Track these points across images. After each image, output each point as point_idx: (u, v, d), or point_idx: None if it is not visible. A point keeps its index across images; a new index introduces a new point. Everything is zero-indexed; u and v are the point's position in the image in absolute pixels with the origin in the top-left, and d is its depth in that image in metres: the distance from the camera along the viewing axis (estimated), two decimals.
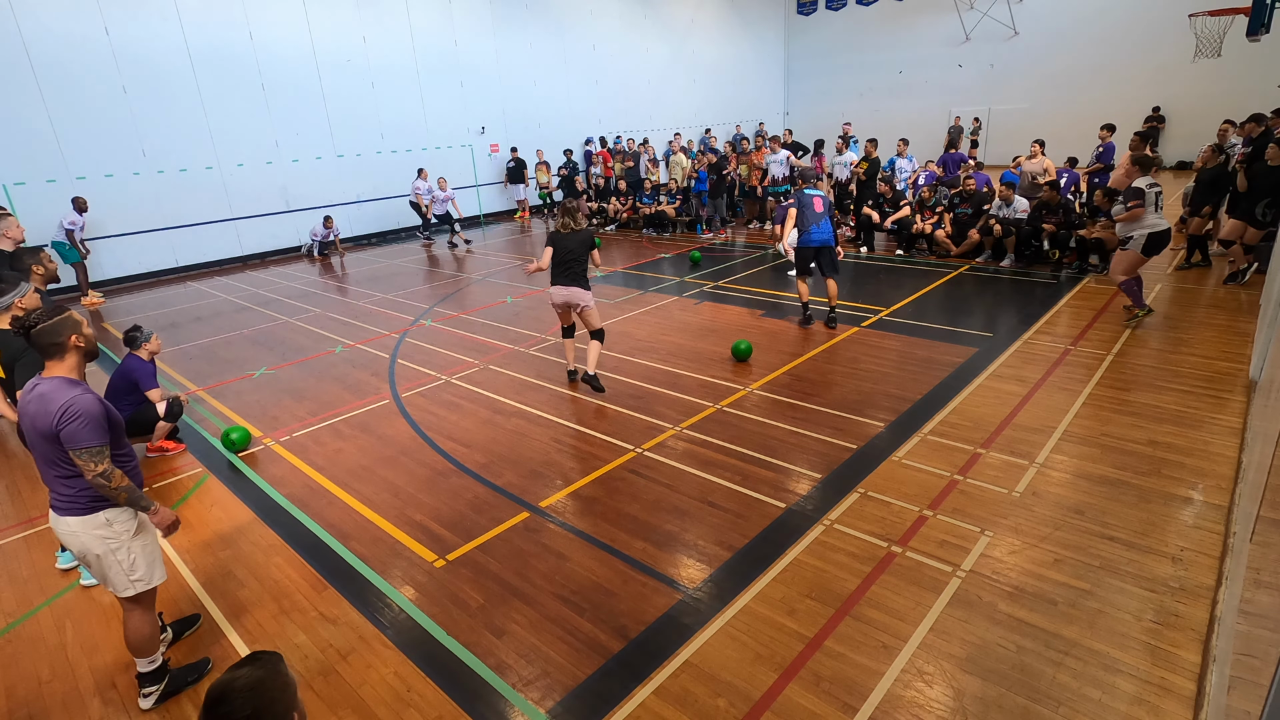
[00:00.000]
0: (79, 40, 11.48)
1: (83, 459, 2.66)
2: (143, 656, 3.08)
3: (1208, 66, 16.83)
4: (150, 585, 3.02)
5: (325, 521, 4.53)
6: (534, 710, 2.95)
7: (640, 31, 21.39)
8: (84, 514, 2.82)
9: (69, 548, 2.93)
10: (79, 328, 2.78)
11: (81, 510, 2.82)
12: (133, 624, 3.04)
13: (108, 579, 2.95)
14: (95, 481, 2.69)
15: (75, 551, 2.91)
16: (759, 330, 7.78)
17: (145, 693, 3.12)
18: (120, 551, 2.90)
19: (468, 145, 17.48)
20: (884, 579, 3.59)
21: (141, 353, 5.44)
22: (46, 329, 2.70)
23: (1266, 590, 2.24)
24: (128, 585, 2.95)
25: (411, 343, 8.19)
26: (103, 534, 2.86)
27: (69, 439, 2.64)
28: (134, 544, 2.94)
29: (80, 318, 2.83)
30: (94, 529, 2.84)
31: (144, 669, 3.10)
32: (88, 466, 2.67)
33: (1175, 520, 3.94)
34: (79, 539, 2.85)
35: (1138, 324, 7.04)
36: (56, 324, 2.72)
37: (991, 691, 2.87)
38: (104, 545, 2.87)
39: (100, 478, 2.69)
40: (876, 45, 24.61)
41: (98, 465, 2.68)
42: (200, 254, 13.48)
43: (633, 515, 4.35)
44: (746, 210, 15.10)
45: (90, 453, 2.66)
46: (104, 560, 2.89)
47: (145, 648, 3.06)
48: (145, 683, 3.11)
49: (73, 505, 2.81)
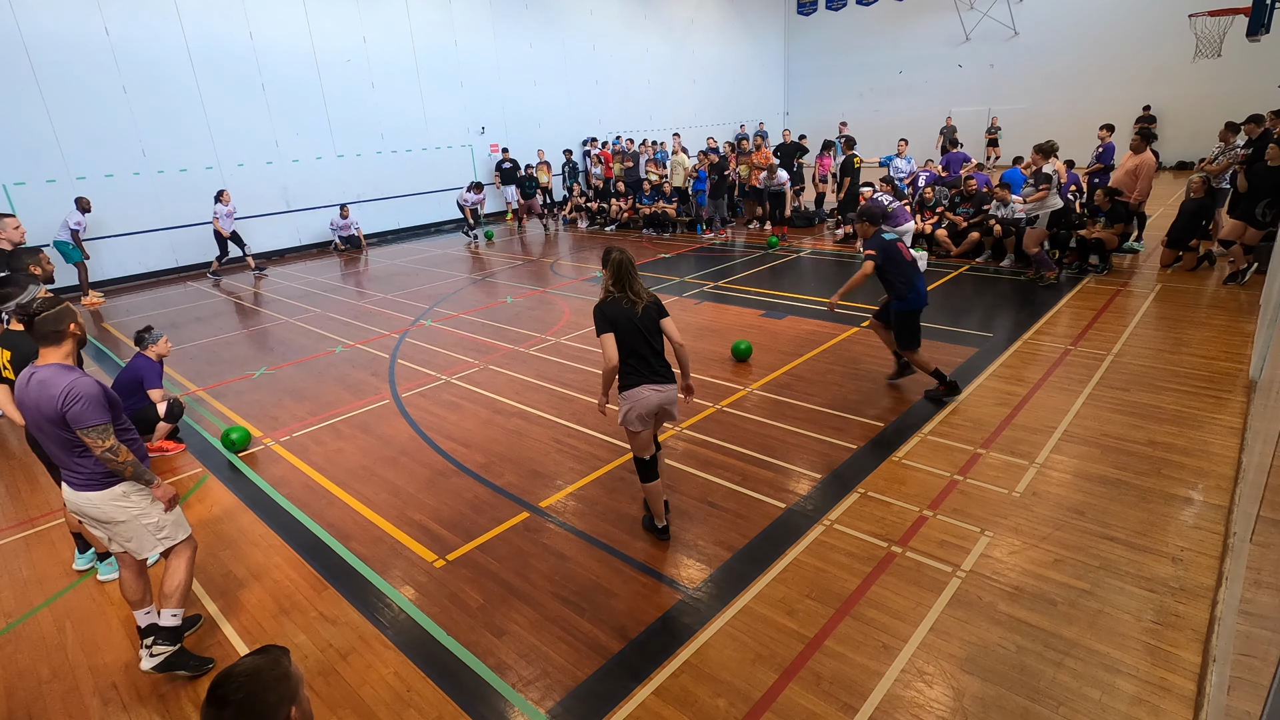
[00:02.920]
0: (79, 40, 11.49)
1: (90, 436, 2.84)
2: (169, 606, 3.19)
3: (1208, 66, 16.82)
4: (176, 540, 3.24)
5: (325, 521, 4.53)
6: (534, 710, 2.95)
7: (640, 31, 21.39)
8: (101, 489, 3.02)
9: (92, 517, 3.10)
10: (75, 316, 3.01)
11: (98, 486, 3.01)
12: (172, 567, 3.24)
13: (135, 544, 3.13)
14: (104, 456, 2.89)
15: (98, 519, 3.09)
16: (759, 330, 7.78)
17: (154, 651, 3.17)
18: (144, 516, 3.12)
19: (468, 145, 17.48)
20: (884, 579, 3.59)
21: (150, 353, 5.46)
22: (49, 316, 2.91)
23: (1266, 590, 2.24)
24: (155, 544, 3.17)
25: (411, 343, 8.19)
26: (122, 504, 3.06)
27: (75, 419, 2.81)
28: (154, 508, 3.15)
29: (74, 308, 3.02)
30: (113, 501, 3.04)
31: (167, 621, 3.19)
32: (95, 443, 2.86)
33: (1175, 520, 3.94)
34: (101, 509, 3.05)
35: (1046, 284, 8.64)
36: (58, 312, 2.93)
37: (991, 691, 2.87)
38: (126, 513, 3.08)
39: (108, 452, 2.88)
40: (876, 45, 24.61)
41: (105, 441, 2.87)
42: (200, 254, 13.47)
43: (633, 515, 4.35)
44: (746, 210, 15.10)
45: (96, 430, 2.85)
46: (129, 526, 3.09)
47: (176, 595, 3.21)
48: (161, 638, 3.18)
49: (90, 481, 3.00)
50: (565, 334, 8.08)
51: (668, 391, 3.81)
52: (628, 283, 3.76)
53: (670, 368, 3.86)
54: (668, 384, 3.81)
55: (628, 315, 3.71)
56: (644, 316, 3.74)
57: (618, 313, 3.71)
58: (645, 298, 3.78)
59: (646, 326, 3.74)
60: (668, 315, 3.85)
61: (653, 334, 3.77)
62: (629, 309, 3.71)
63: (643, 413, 3.77)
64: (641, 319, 3.72)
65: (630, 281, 3.77)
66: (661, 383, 3.78)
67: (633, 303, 3.73)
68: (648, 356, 3.76)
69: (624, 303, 3.73)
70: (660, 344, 3.81)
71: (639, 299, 3.74)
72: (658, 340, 3.80)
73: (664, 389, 3.79)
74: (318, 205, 14.88)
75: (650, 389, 3.75)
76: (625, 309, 3.71)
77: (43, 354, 2.92)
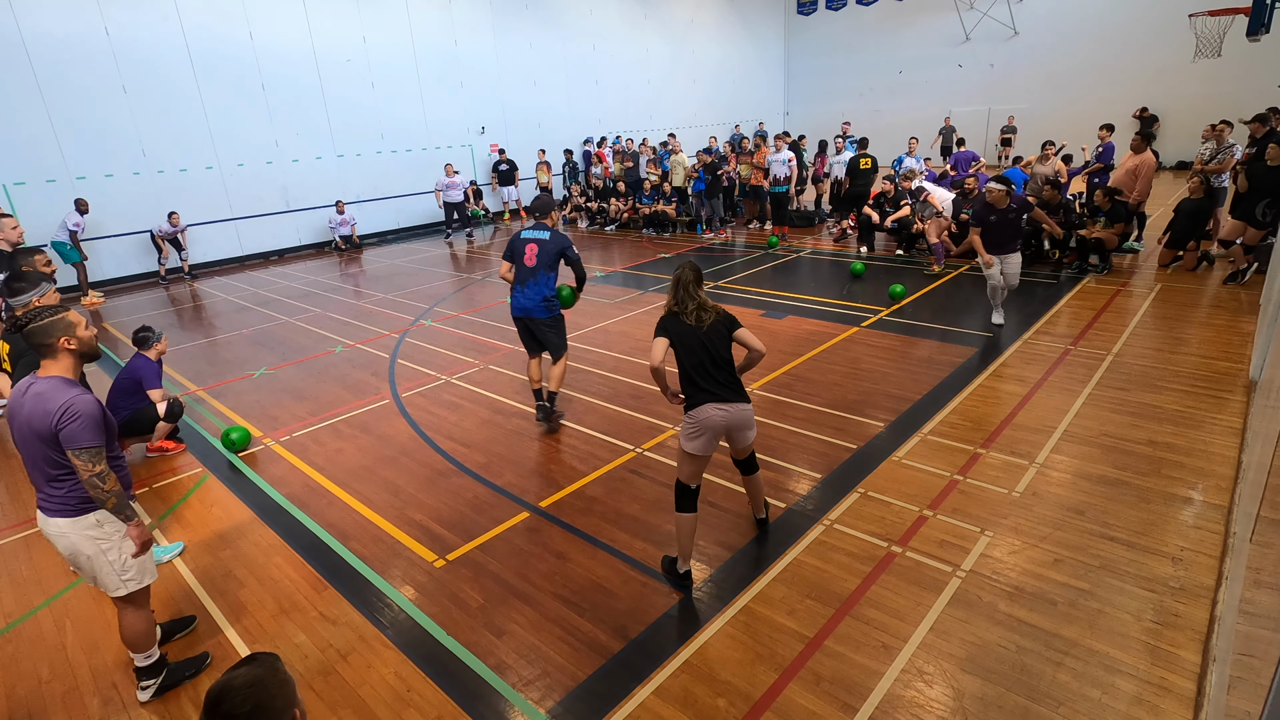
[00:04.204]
0: (79, 40, 11.49)
1: (81, 459, 2.66)
2: (139, 652, 3.11)
3: (1208, 66, 16.83)
4: (141, 585, 3.03)
5: (325, 521, 4.53)
6: (534, 710, 2.95)
7: (640, 31, 21.39)
8: (73, 515, 2.83)
9: (58, 548, 2.91)
10: (72, 329, 2.77)
11: (71, 512, 2.82)
12: (127, 621, 3.06)
13: (99, 579, 2.95)
14: (90, 481, 2.69)
15: (64, 552, 2.90)
16: (759, 330, 7.77)
17: (143, 685, 3.15)
18: (111, 552, 2.91)
19: (468, 145, 17.48)
20: (884, 579, 3.59)
21: (150, 353, 5.46)
22: (37, 329, 2.71)
23: (1266, 590, 2.24)
24: (119, 585, 2.96)
25: (411, 343, 8.19)
26: (93, 534, 2.86)
27: (69, 439, 2.64)
28: (124, 544, 2.94)
29: (79, 318, 2.82)
30: (84, 530, 2.85)
31: (141, 663, 3.13)
32: (85, 467, 2.67)
33: (1175, 520, 3.94)
34: (68, 539, 2.85)
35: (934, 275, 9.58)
36: (48, 324, 2.72)
37: (991, 691, 2.87)
38: (94, 546, 2.88)
39: (96, 478, 2.69)
40: (876, 45, 24.61)
41: (95, 466, 2.68)
42: (200, 254, 13.47)
43: (633, 515, 4.35)
44: (746, 210, 15.10)
45: (89, 453, 2.67)
46: (95, 561, 2.90)
47: (141, 643, 3.09)
48: (143, 676, 3.15)
49: (63, 507, 2.82)
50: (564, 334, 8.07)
51: (735, 411, 3.50)
52: (687, 298, 3.59)
53: (742, 385, 3.61)
54: (735, 402, 3.50)
55: (691, 330, 3.54)
56: (710, 331, 3.55)
57: (679, 328, 3.57)
58: (713, 312, 3.59)
59: (712, 341, 3.53)
60: (741, 327, 3.63)
61: (719, 348, 3.54)
62: (694, 324, 3.55)
63: (708, 435, 3.50)
64: (707, 334, 3.54)
65: (689, 297, 3.59)
66: (728, 401, 3.49)
67: (699, 318, 3.55)
68: (713, 372, 3.52)
69: (686, 318, 3.57)
70: (728, 358, 3.57)
71: (705, 314, 3.56)
72: (724, 355, 3.56)
73: (730, 408, 3.49)
74: (318, 205, 14.88)
75: (715, 408, 3.47)
76: (688, 324, 3.55)
77: (44, 365, 2.77)
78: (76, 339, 2.79)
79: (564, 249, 5.33)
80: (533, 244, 5.32)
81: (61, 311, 2.78)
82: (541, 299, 5.33)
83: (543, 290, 5.32)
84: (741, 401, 3.54)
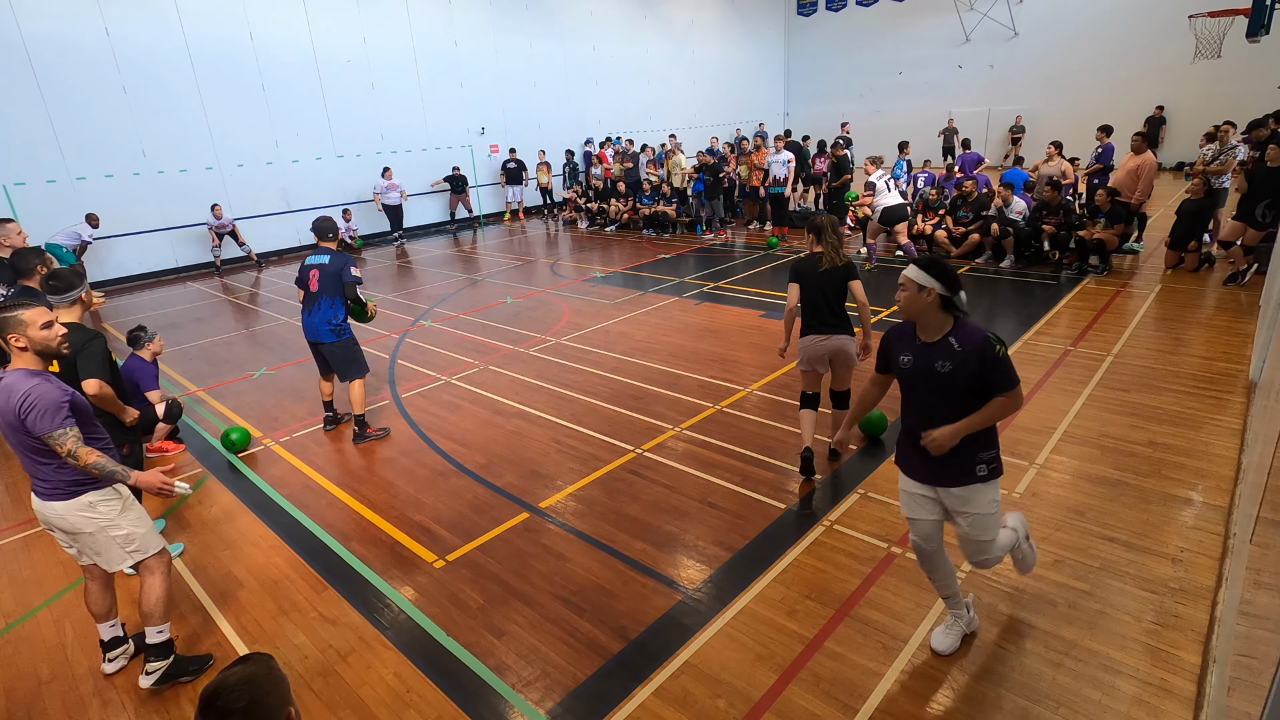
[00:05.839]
0: (79, 41, 11.49)
1: (51, 442, 2.79)
2: (154, 623, 3.15)
3: (1208, 68, 16.83)
4: (147, 554, 3.14)
5: (325, 521, 4.53)
6: (534, 711, 2.95)
7: (640, 32, 21.39)
8: (66, 499, 2.95)
9: (59, 529, 3.03)
10: (22, 327, 2.80)
11: (64, 495, 2.95)
12: (148, 585, 3.15)
13: (101, 556, 3.06)
14: (68, 460, 2.81)
15: (66, 532, 3.02)
16: (759, 330, 7.78)
17: (150, 669, 3.16)
18: (112, 528, 3.03)
19: (468, 146, 17.48)
20: (884, 580, 3.59)
21: (144, 353, 5.45)
22: None
23: (1266, 591, 2.24)
24: (124, 557, 3.09)
25: (411, 343, 8.19)
26: (89, 515, 2.99)
27: (33, 426, 2.77)
28: (123, 519, 3.07)
29: (35, 318, 2.82)
30: (78, 511, 2.97)
31: (154, 639, 3.16)
32: (58, 448, 2.80)
33: (1175, 521, 3.94)
34: (67, 520, 2.98)
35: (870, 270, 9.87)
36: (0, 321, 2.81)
37: (991, 691, 2.87)
38: (93, 524, 3.00)
39: (69, 457, 2.80)
40: (876, 46, 24.61)
41: (63, 446, 2.79)
42: (200, 254, 13.47)
43: (633, 515, 4.35)
44: (746, 211, 15.11)
45: (53, 437, 2.78)
46: (96, 538, 3.02)
47: (158, 612, 3.15)
48: (152, 655, 3.16)
49: (55, 491, 2.94)
50: (565, 334, 8.08)
51: (832, 340, 4.36)
52: (829, 239, 4.28)
53: (848, 322, 4.39)
54: (835, 334, 4.35)
55: (813, 270, 4.31)
56: (828, 275, 4.29)
57: (805, 267, 4.35)
58: (837, 259, 4.28)
59: (827, 284, 4.29)
60: (857, 279, 4.33)
61: (833, 291, 4.31)
62: (817, 266, 4.30)
63: (809, 357, 4.48)
64: (824, 276, 4.29)
65: (833, 236, 4.29)
66: (829, 333, 4.36)
67: (829, 261, 4.26)
68: (821, 310, 4.35)
69: (814, 260, 4.32)
70: (840, 301, 4.33)
71: (831, 259, 4.27)
72: (837, 297, 4.32)
73: (828, 339, 4.37)
74: (318, 206, 14.87)
75: (816, 338, 4.40)
76: (813, 265, 4.32)
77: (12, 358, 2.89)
78: (26, 338, 2.82)
79: (340, 270, 5.35)
80: (315, 269, 5.38)
81: (22, 308, 2.83)
82: (326, 323, 5.37)
83: (327, 315, 5.37)
84: (841, 334, 4.36)
